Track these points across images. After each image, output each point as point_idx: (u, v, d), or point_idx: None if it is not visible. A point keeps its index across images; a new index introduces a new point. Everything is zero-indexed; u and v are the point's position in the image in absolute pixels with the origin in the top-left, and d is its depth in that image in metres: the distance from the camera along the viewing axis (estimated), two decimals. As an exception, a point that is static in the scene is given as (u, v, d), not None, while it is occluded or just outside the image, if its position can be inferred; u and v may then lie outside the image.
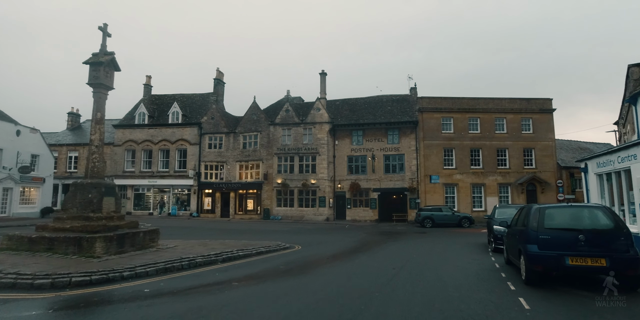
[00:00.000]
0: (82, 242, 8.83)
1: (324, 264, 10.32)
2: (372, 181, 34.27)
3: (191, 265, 9.14)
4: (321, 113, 35.92)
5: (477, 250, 13.59)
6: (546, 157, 33.32)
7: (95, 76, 10.15)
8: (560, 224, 7.26)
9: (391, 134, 34.74)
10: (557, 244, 6.93)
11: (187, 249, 11.12)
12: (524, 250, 7.31)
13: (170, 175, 38.87)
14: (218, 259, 10.05)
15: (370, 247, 14.97)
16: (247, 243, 14.09)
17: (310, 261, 10.95)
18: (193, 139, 38.92)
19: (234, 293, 6.77)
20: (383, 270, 9.30)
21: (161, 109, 41.48)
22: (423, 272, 9.04)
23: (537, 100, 34.62)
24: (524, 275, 7.56)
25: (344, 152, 35.41)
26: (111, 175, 39.43)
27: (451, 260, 11.10)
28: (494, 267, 9.66)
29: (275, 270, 9.23)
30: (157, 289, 6.97)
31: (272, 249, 12.98)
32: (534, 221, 7.34)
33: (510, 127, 33.67)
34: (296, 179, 35.28)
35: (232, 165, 37.69)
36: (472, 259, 11.33)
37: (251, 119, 37.99)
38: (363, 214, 34.32)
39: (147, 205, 39.34)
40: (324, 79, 37.63)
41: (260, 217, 35.96)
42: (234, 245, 12.69)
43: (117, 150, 39.96)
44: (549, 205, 7.82)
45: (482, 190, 33.00)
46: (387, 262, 10.81)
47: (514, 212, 13.77)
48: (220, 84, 42.97)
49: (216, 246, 12.25)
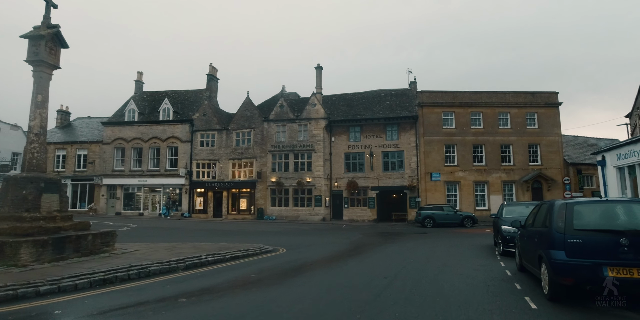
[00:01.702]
0: (3, 247, 7.28)
1: (304, 272, 8.78)
2: (370, 179, 32.70)
3: (142, 275, 7.59)
4: (317, 108, 34.36)
5: (483, 254, 12.03)
6: (552, 153, 31.70)
7: (35, 52, 8.63)
8: (594, 223, 5.70)
9: (390, 129, 33.15)
10: (591, 250, 5.36)
11: (147, 254, 9.59)
12: (547, 257, 5.72)
13: (161, 174, 37.35)
14: (179, 266, 8.52)
15: (363, 250, 13.42)
16: (225, 246, 12.55)
17: (290, 268, 9.40)
18: (184, 137, 37.39)
19: (171, 316, 5.23)
20: (372, 280, 7.76)
21: (152, 106, 39.96)
22: (420, 282, 7.48)
23: (543, 93, 33.01)
24: (546, 288, 5.98)
25: (340, 149, 33.85)
26: (100, 174, 38.03)
27: (454, 266, 9.54)
28: (505, 276, 8.10)
29: (244, 281, 7.69)
30: (73, 310, 5.43)
31: (252, 252, 11.45)
32: (560, 221, 5.75)
33: (514, 122, 32.05)
34: (291, 177, 33.73)
35: (225, 163, 36.16)
36: (479, 264, 9.76)
37: (244, 115, 36.45)
38: (361, 214, 32.75)
39: (137, 206, 37.84)
40: (319, 73, 36.07)
41: (254, 217, 34.41)
42: (207, 249, 11.16)
43: (106, 149, 38.46)
44: (578, 201, 6.23)
45: (486, 188, 31.39)
46: (380, 268, 9.26)
47: (523, 210, 12.21)
48: (214, 79, 41.43)
49: (186, 250, 10.72)
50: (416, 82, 35.33)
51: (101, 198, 37.93)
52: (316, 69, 36.09)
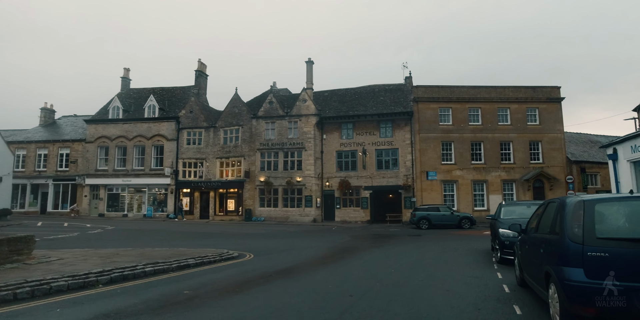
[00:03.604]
0: None
1: (254, 287, 7.16)
2: (363, 178, 31.07)
3: (37, 293, 5.96)
4: (307, 105, 32.75)
5: (478, 261, 10.41)
6: (554, 150, 30.04)
7: None
8: (624, 229, 4.10)
9: (384, 126, 31.53)
10: (621, 268, 3.76)
11: (69, 264, 7.97)
12: (558, 277, 4.08)
13: (146, 174, 35.76)
14: (101, 280, 6.90)
15: (343, 256, 11.80)
16: (181, 252, 10.93)
17: (240, 281, 7.78)
18: (170, 135, 35.81)
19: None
20: (334, 298, 6.14)
21: (138, 103, 38.35)
22: (392, 303, 5.84)
23: (544, 88, 31.37)
24: (556, 319, 4.36)
25: (332, 147, 32.23)
26: (83, 174, 36.45)
27: (441, 279, 7.91)
28: (502, 293, 6.47)
29: (168, 300, 6.07)
30: None
31: (208, 260, 9.84)
32: (575, 226, 4.12)
33: (514, 118, 30.39)
34: (280, 176, 32.11)
35: (212, 162, 34.57)
36: (471, 276, 8.13)
37: (232, 112, 34.85)
38: (354, 215, 31.12)
39: (121, 206, 36.24)
40: (310, 67, 34.47)
41: (242, 218, 32.79)
42: (155, 257, 9.54)
43: (89, 147, 36.88)
44: (599, 197, 4.55)
45: (485, 187, 29.74)
46: (350, 282, 7.65)
47: (524, 211, 10.59)
48: (202, 76, 39.89)
49: (125, 258, 9.10)
50: (412, 77, 33.68)
51: (84, 199, 36.34)
52: (307, 64, 34.51)
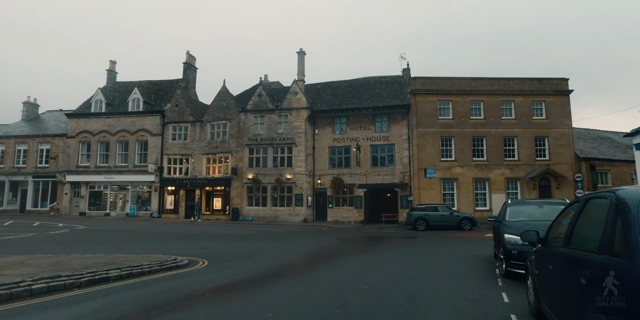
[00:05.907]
0: None
1: (168, 313, 5.24)
2: (357, 176, 29.12)
3: None
4: (298, 97, 30.80)
5: (478, 273, 8.46)
6: (562, 146, 28.01)
7: None
8: None
9: (379, 120, 29.57)
10: None
11: None
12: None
13: (129, 171, 33.86)
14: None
15: (314, 265, 9.89)
16: (114, 260, 9.01)
17: (159, 302, 5.86)
18: (155, 129, 33.90)
19: None
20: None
21: (123, 97, 36.43)
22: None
23: (551, 80, 29.32)
24: None
25: (324, 142, 30.28)
26: (64, 170, 34.60)
27: (425, 303, 5.96)
28: (508, 328, 4.54)
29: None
30: None
31: (140, 271, 7.93)
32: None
33: (519, 112, 28.37)
34: (269, 173, 30.18)
35: (198, 158, 32.66)
36: (466, 297, 6.19)
37: (220, 106, 32.93)
38: (347, 215, 29.18)
39: (104, 205, 34.37)
40: (302, 58, 32.49)
41: (229, 217, 30.85)
42: (70, 266, 7.64)
43: (71, 143, 35.01)
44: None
45: (487, 186, 27.73)
46: (303, 307, 5.72)
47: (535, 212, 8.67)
48: (191, 68, 37.94)
49: (24, 269, 7.20)
50: (409, 69, 31.69)
51: (64, 197, 34.48)
52: (298, 54, 32.54)
